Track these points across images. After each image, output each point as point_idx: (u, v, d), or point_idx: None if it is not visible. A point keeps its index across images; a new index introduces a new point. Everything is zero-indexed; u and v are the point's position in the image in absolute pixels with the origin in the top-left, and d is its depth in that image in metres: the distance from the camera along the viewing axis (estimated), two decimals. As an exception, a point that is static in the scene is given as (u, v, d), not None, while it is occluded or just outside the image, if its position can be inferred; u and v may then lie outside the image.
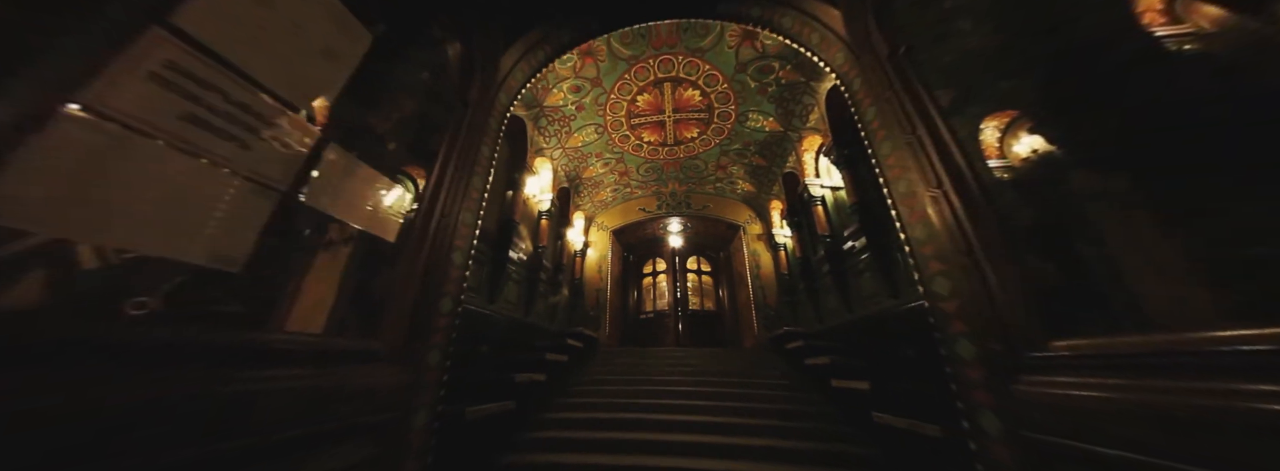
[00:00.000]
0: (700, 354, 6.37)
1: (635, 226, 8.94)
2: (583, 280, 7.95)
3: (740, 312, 8.16)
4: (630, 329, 9.02)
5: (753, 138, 6.65)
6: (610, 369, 5.68)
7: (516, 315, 5.19)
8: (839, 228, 5.35)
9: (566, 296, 7.12)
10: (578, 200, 7.86)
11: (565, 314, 7.20)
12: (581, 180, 7.51)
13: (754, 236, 8.13)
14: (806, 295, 6.04)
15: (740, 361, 5.90)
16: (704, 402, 4.00)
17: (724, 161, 7.52)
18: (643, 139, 7.01)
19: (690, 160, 7.66)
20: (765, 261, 7.79)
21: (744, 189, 8.12)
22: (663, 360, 6.02)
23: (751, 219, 8.36)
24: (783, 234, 7.59)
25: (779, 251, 7.49)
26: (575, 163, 7.01)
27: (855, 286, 4.78)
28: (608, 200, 8.62)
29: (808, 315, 6.32)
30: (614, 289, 8.38)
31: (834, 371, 4.00)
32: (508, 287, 5.08)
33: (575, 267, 7.90)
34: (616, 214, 8.83)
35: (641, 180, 8.26)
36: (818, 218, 5.63)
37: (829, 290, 5.47)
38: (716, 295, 9.21)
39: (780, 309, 7.12)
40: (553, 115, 5.86)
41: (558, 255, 7.03)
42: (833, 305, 5.39)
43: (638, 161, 7.63)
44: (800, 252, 6.49)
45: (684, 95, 6.03)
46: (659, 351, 6.68)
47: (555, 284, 6.58)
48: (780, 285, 7.25)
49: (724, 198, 8.62)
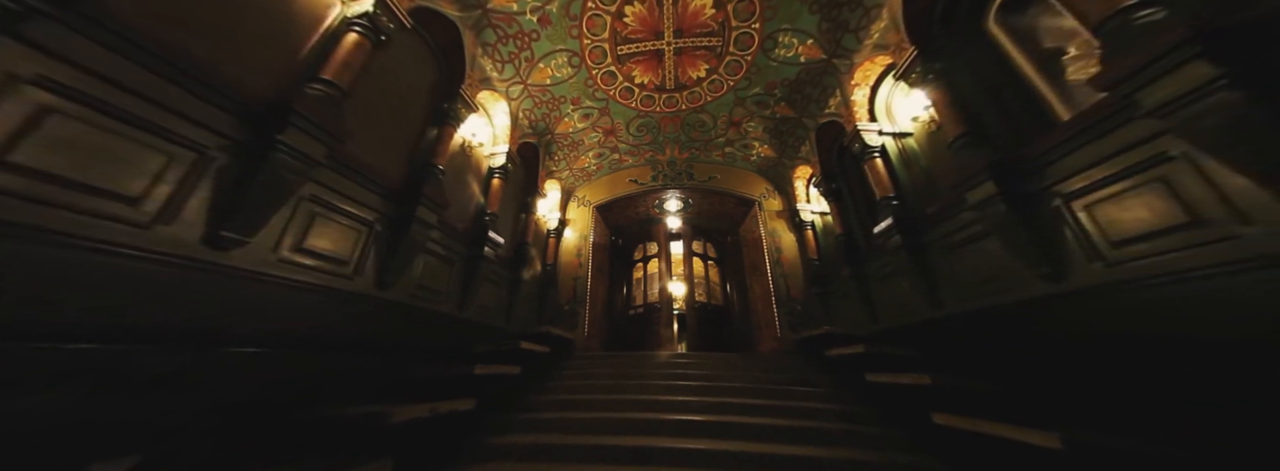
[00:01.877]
0: (707, 361, 4.74)
1: (625, 203, 7.29)
2: (557, 267, 6.29)
3: (754, 308, 6.54)
4: (617, 327, 7.37)
5: (780, 75, 5.00)
6: (585, 384, 4.03)
7: (442, 308, 3.52)
8: (916, 184, 3.73)
9: (531, 284, 5.45)
10: (551, 165, 6.19)
11: (531, 308, 5.54)
12: (554, 136, 5.83)
13: (773, 214, 6.51)
14: (854, 284, 4.43)
15: (763, 373, 4.27)
16: (732, 447, 2.38)
17: (739, 115, 5.88)
18: (633, 79, 5.34)
19: (694, 114, 6.02)
20: (787, 244, 6.17)
21: (761, 154, 6.49)
22: (658, 371, 4.38)
23: (769, 193, 6.74)
24: (811, 209, 5.99)
25: (805, 231, 5.88)
26: (544, 109, 5.32)
27: (950, 268, 3.17)
28: (590, 169, 6.96)
29: (850, 311, 4.72)
30: (596, 278, 6.72)
31: (938, 399, 2.40)
32: (428, 268, 3.40)
33: (548, 251, 6.25)
34: (602, 186, 7.17)
35: (632, 143, 6.61)
36: (876, 175, 4.00)
37: (892, 276, 3.86)
38: (723, 287, 7.59)
39: (809, 303, 5.51)
40: (505, 27, 4.17)
41: (520, 232, 5.36)
42: (900, 296, 3.78)
43: (627, 114, 5.96)
44: (842, 228, 4.87)
45: (690, 8, 4.37)
46: (653, 358, 5.04)
47: (515, 268, 4.91)
48: (808, 274, 5.64)
49: (735, 167, 6.99)
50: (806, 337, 4.79)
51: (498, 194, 4.46)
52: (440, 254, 3.53)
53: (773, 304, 5.71)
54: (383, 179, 2.90)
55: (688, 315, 6.67)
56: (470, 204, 4.15)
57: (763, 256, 6.22)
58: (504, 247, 4.67)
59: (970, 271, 2.97)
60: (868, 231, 4.74)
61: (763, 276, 6.19)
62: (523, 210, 5.53)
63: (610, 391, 3.91)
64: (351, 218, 2.63)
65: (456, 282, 3.72)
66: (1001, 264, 2.66)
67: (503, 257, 4.67)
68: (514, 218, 5.33)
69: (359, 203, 2.69)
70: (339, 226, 2.55)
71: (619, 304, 7.72)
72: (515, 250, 5.14)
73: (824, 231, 5.83)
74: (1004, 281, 2.65)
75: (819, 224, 5.92)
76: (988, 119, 2.93)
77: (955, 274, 3.13)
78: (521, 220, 5.45)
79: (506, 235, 5.06)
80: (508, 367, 3.37)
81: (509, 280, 4.81)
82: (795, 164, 6.10)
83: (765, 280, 6.05)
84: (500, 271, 4.60)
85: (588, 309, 6.01)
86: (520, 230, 5.37)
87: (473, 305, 3.97)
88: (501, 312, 4.61)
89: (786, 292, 5.74)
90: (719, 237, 8.04)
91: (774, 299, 5.72)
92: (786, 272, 5.92)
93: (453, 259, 3.70)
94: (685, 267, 7.01)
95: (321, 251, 2.41)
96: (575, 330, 5.80)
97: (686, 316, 6.65)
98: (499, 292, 4.58)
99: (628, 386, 3.97)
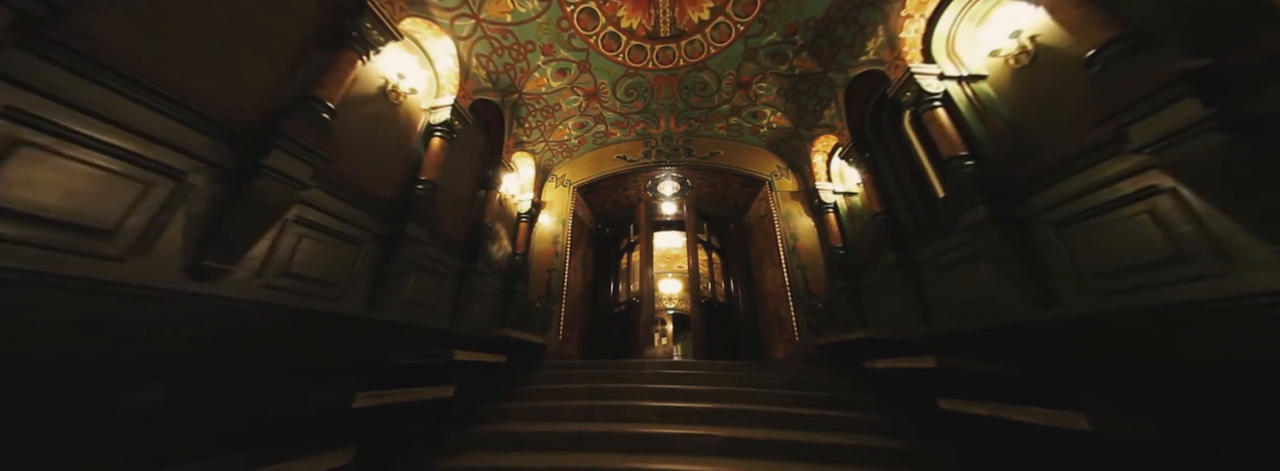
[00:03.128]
0: (711, 373, 3.72)
1: (612, 184, 6.25)
2: (529, 257, 5.25)
3: (765, 306, 5.53)
4: (600, 328, 6.35)
5: (804, 13, 3.97)
6: (549, 407, 3.01)
7: (337, 306, 2.47)
8: (999, 139, 2.72)
9: (493, 277, 4.40)
10: (521, 133, 5.13)
11: (494, 306, 4.50)
12: (522, 97, 4.77)
13: (786, 195, 5.49)
14: (899, 276, 3.42)
15: (784, 390, 3.25)
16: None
17: (749, 72, 4.85)
18: (619, 22, 4.30)
19: (695, 73, 4.99)
20: (804, 230, 5.16)
21: (772, 124, 5.47)
22: (647, 388, 3.36)
23: (781, 171, 5.72)
24: (833, 188, 4.98)
25: (826, 214, 4.88)
26: (507, 57, 4.26)
27: (1068, 249, 2.17)
28: (571, 143, 5.90)
29: (889, 309, 3.73)
30: (576, 270, 5.69)
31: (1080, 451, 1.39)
32: (310, 250, 2.36)
33: (519, 238, 5.20)
34: (585, 164, 6.12)
35: (621, 111, 5.57)
36: (941, 130, 2.98)
37: (964, 263, 2.87)
38: (727, 283, 6.58)
39: (833, 300, 4.51)
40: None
41: (477, 212, 4.31)
42: (975, 289, 2.78)
43: (613, 71, 4.92)
44: (881, 206, 3.86)
45: (691, -87, 3.33)
46: (642, 368, 4.03)
47: (468, 256, 3.86)
48: (832, 265, 4.64)
49: (741, 142, 5.97)
50: (834, 343, 3.79)
51: (438, 157, 3.40)
52: (333, 230, 2.48)
53: (788, 300, 4.70)
54: (218, 110, 1.86)
55: (693, 315, 5.65)
56: (393, 166, 3.10)
57: (775, 245, 5.21)
58: (447, 228, 3.63)
59: (1108, 256, 1.97)
60: (916, 209, 3.73)
61: (775, 269, 5.18)
62: (483, 186, 4.48)
63: (581, 418, 2.89)
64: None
65: (364, 272, 2.67)
66: (1184, 243, 1.65)
67: (448, 241, 3.63)
68: (469, 194, 4.28)
69: (156, 141, 1.65)
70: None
71: (605, 301, 6.69)
72: (470, 233, 4.09)
73: (849, 215, 4.83)
74: (1186, 267, 1.64)
75: (842, 206, 4.92)
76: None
77: (1077, 258, 2.13)
78: (480, 197, 4.40)
79: (458, 215, 4.01)
80: (429, 390, 2.34)
81: (459, 271, 3.77)
82: (815, 135, 5.08)
83: (779, 273, 5.04)
84: (444, 259, 3.55)
85: (563, 307, 4.98)
86: (477, 209, 4.32)
87: (395, 301, 2.92)
88: (445, 311, 3.57)
89: (805, 287, 4.73)
90: (721, 225, 7.02)
91: (790, 295, 4.71)
92: (804, 264, 4.91)
93: (358, 239, 2.66)
94: (690, 259, 5.96)
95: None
96: (548, 332, 4.77)
97: (692, 316, 5.62)
98: (442, 286, 3.54)
99: (604, 411, 2.95)
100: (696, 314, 5.59)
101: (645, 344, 5.33)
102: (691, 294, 5.64)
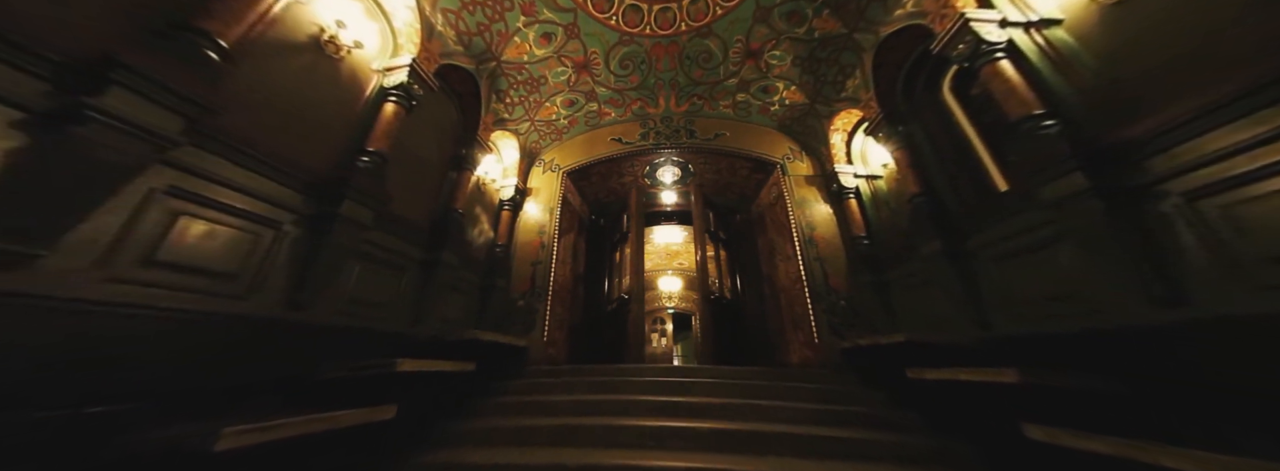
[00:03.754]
0: (718, 382, 3.16)
1: (606, 169, 5.67)
2: (512, 250, 4.69)
3: (779, 303, 4.97)
4: (591, 328, 5.79)
5: (827, -41, 3.38)
6: (520, 429, 2.45)
7: (240, 306, 1.91)
8: (1090, 94, 2.13)
9: (465, 271, 3.84)
10: (502, 110, 4.55)
11: (468, 304, 3.94)
12: (502, 66, 4.18)
13: (800, 180, 4.91)
14: (945, 266, 2.85)
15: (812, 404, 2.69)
16: None
17: (760, 37, 4.25)
18: (611, -26, 3.71)
19: (698, 40, 4.40)
20: (822, 219, 4.58)
21: (786, 100, 4.88)
22: (644, 403, 2.80)
23: (794, 153, 5.14)
24: (855, 172, 4.41)
25: (847, 201, 4.30)
26: (480, 15, 3.67)
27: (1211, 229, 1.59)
28: (560, 123, 5.32)
29: (926, 307, 3.17)
30: (565, 263, 5.13)
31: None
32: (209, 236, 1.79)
33: (501, 227, 4.64)
34: (576, 147, 5.54)
35: (615, 87, 4.98)
36: (1006, 85, 2.40)
37: (1040, 249, 2.30)
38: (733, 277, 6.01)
39: (857, 297, 3.94)
40: None
41: (446, 195, 3.74)
42: (1054, 283, 2.21)
43: (605, 38, 4.33)
44: (920, 187, 3.27)
45: None
46: (639, 376, 3.47)
47: (433, 245, 3.29)
48: (854, 257, 4.07)
49: (749, 122, 5.38)
50: (863, 347, 3.23)
51: (391, 126, 2.83)
52: (230, 208, 1.91)
53: (806, 297, 4.13)
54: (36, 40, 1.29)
55: (701, 313, 5.07)
56: (327, 134, 2.53)
57: (789, 236, 4.63)
58: (404, 211, 3.07)
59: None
60: (962, 189, 3.15)
61: (789, 262, 4.61)
62: (455, 166, 3.91)
63: (559, 442, 2.33)
64: None
65: (280, 263, 2.10)
66: None
67: (406, 228, 3.06)
68: (437, 174, 3.71)
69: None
70: None
71: (597, 298, 6.13)
72: (437, 220, 3.53)
73: (873, 200, 4.26)
74: None
75: (865, 191, 4.35)
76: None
77: (1225, 243, 1.55)
78: (450, 179, 3.83)
79: (420, 198, 3.44)
80: (352, 415, 1.78)
81: (420, 262, 3.20)
82: (834, 110, 4.49)
83: (793, 266, 4.47)
84: (401, 249, 2.99)
85: (550, 304, 4.41)
86: (448, 192, 3.74)
87: (330, 300, 2.36)
88: (403, 310, 3.01)
89: (824, 282, 4.16)
90: (726, 215, 6.45)
91: (807, 291, 4.14)
92: (823, 256, 4.33)
93: (274, 221, 2.09)
94: (697, 251, 5.37)
95: None
96: (531, 333, 4.21)
97: (700, 316, 5.05)
98: (398, 281, 2.97)
99: (588, 433, 2.39)
100: (705, 312, 5.01)
101: (637, 346, 4.77)
102: (700, 290, 5.07)
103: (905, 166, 3.44)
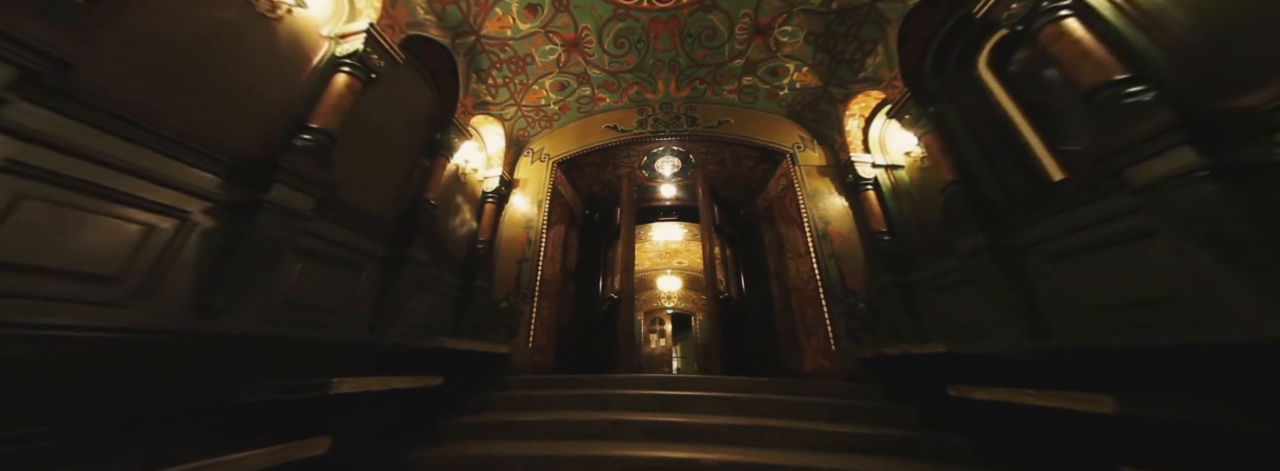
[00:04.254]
0: (723, 397, 2.76)
1: (600, 159, 5.25)
2: (495, 246, 4.28)
3: (788, 306, 4.57)
4: (583, 331, 5.40)
5: (850, -87, 2.96)
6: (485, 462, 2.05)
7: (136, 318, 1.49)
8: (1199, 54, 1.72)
9: (438, 268, 3.43)
10: (484, 91, 4.13)
11: (443, 307, 3.54)
12: (482, 41, 3.76)
13: (812, 171, 4.50)
14: (988, 264, 2.45)
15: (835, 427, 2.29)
16: None
17: (769, 10, 3.83)
18: (603, -66, 3.28)
19: (700, 14, 3.98)
20: (837, 213, 4.17)
21: (796, 82, 4.47)
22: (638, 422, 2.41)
23: (805, 142, 4.73)
24: (874, 161, 4.01)
25: (865, 193, 3.89)
26: (457, -17, 3.25)
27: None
28: (549, 109, 4.90)
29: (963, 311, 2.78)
30: (554, 261, 4.73)
31: None
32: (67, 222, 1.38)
33: (484, 221, 4.23)
34: (567, 136, 5.12)
35: (609, 69, 4.56)
36: (1072, 46, 1.99)
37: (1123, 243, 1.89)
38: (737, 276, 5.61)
39: (878, 299, 3.55)
40: None
41: (416, 185, 3.32)
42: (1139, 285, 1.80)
43: (599, 11, 3.91)
44: (955, 174, 2.87)
45: None
46: (636, 388, 3.08)
47: (399, 241, 2.88)
48: (873, 254, 3.67)
49: (755, 109, 4.97)
50: (890, 356, 2.83)
51: (342, 101, 2.41)
52: (110, 193, 1.50)
53: (820, 299, 3.73)
54: None
55: (710, 314, 4.66)
56: (258, 107, 2.11)
57: (801, 231, 4.23)
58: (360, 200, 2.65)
59: None
60: (1007, 176, 2.74)
61: (801, 259, 4.21)
62: (428, 153, 3.49)
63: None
64: None
65: (186, 262, 1.69)
66: None
67: (365, 220, 2.65)
68: (405, 161, 3.29)
69: None
70: None
71: (591, 298, 5.73)
72: (406, 211, 3.12)
73: (894, 192, 3.85)
74: None
75: (885, 181, 3.94)
76: None
77: None
78: (423, 166, 3.41)
79: (384, 187, 3.03)
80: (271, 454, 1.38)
81: (384, 260, 2.79)
82: (851, 93, 4.08)
83: (805, 264, 4.07)
84: (357, 244, 2.58)
85: (536, 306, 4.00)
86: (418, 181, 3.33)
87: (262, 305, 1.95)
88: (361, 316, 2.60)
89: (840, 282, 3.76)
90: (731, 209, 6.04)
91: (822, 292, 3.74)
92: (838, 253, 3.93)
93: (178, 211, 1.68)
94: (704, 246, 4.95)
95: None
96: (515, 338, 3.81)
97: (708, 318, 4.66)
98: (355, 281, 2.56)
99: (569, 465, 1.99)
100: (714, 313, 4.59)
101: (628, 353, 4.37)
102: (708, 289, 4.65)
103: (937, 151, 3.03)
